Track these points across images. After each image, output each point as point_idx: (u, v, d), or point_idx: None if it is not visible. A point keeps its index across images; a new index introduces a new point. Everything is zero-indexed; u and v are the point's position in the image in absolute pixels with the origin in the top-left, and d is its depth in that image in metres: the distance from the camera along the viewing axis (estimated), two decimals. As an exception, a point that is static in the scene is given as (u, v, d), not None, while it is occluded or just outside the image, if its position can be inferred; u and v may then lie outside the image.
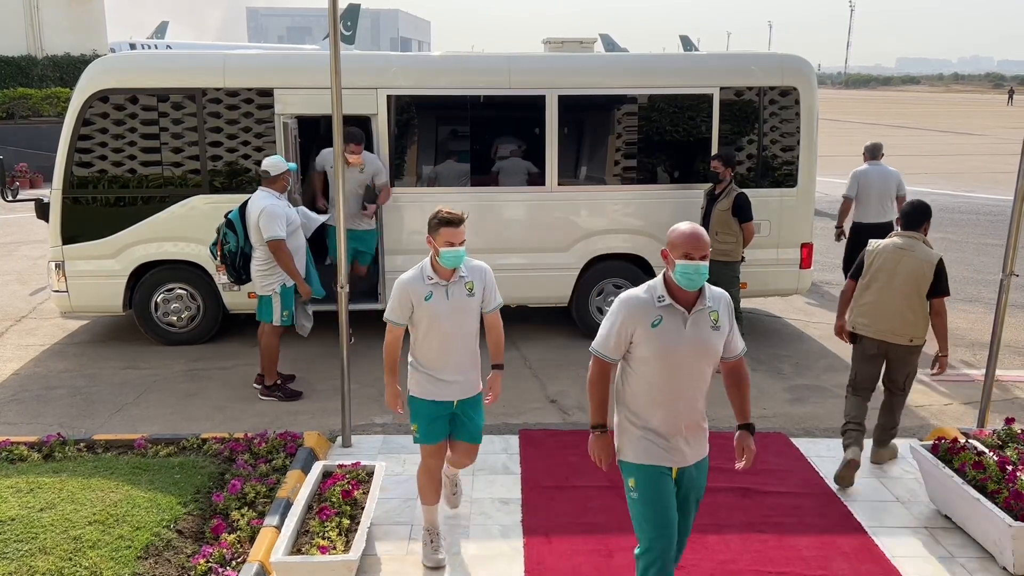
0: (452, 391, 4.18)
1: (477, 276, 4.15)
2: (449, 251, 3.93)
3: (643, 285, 3.45)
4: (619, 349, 3.37)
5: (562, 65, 7.81)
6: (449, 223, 3.92)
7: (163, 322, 7.75)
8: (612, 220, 7.86)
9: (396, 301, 4.08)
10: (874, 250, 5.21)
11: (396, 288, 4.07)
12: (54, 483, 4.59)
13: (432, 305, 4.03)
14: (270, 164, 6.30)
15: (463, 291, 4.08)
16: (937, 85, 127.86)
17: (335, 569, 3.91)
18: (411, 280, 4.04)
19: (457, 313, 4.08)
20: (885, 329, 5.12)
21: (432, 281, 4.03)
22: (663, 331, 3.27)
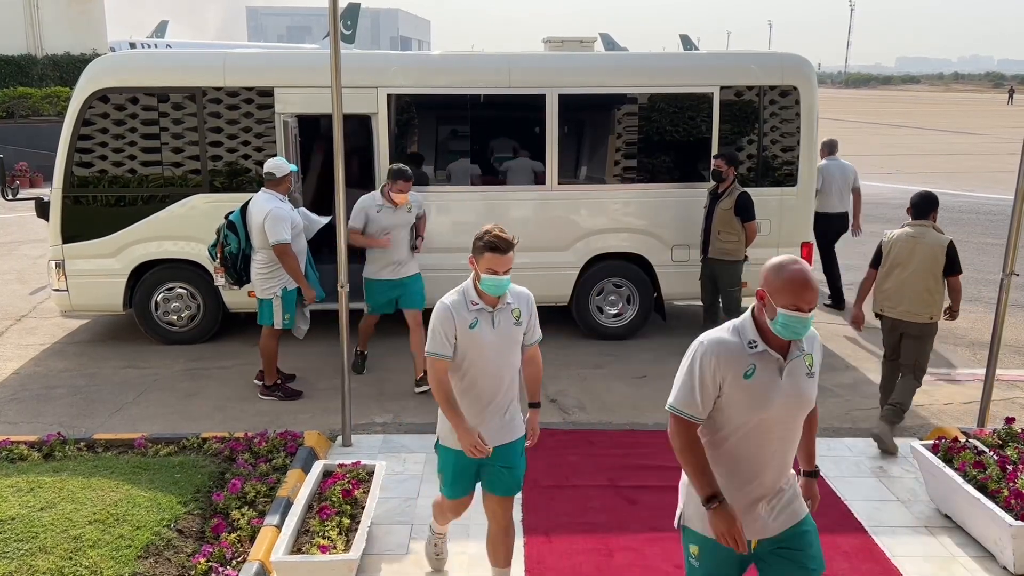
0: (490, 437, 3.64)
1: (523, 304, 3.72)
2: (491, 279, 3.50)
3: (724, 325, 2.94)
4: (707, 405, 2.84)
5: (562, 64, 7.81)
6: (495, 248, 3.44)
7: (163, 321, 7.75)
8: (612, 219, 7.86)
9: (440, 329, 3.53)
10: (889, 240, 5.74)
11: (439, 314, 3.55)
12: (54, 482, 4.59)
13: (477, 334, 3.54)
14: (274, 166, 6.27)
15: (510, 319, 3.63)
16: (937, 84, 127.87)
17: (335, 568, 3.91)
18: (455, 305, 3.55)
19: (504, 344, 3.62)
20: (905, 310, 5.63)
21: (477, 307, 3.57)
22: (757, 383, 2.76)
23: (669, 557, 4.32)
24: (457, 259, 7.69)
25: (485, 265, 3.49)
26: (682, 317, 8.75)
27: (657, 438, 5.79)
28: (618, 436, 5.81)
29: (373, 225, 6.39)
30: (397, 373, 7.15)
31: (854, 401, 6.62)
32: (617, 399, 6.56)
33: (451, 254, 7.72)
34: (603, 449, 5.56)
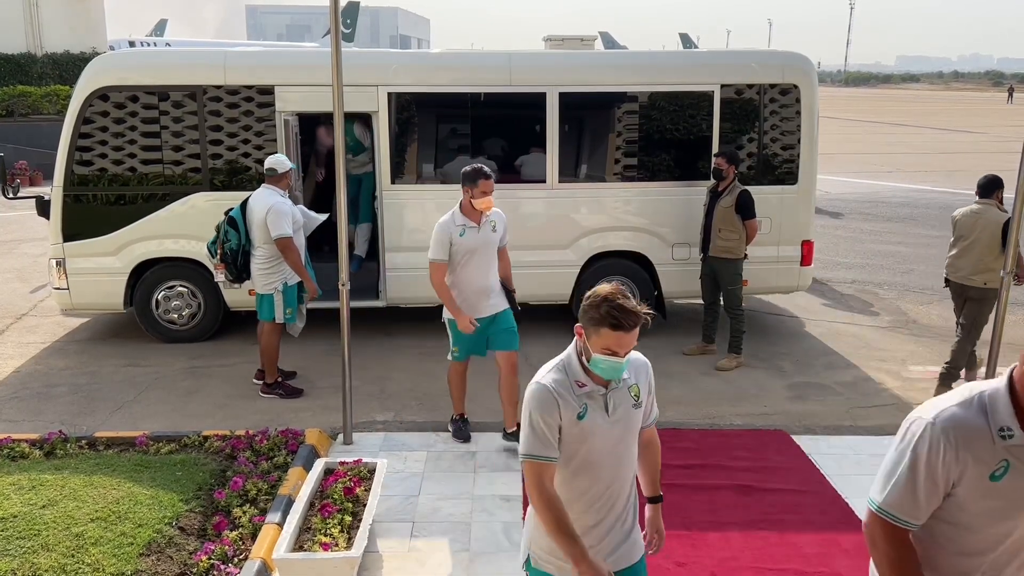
0: (606, 545, 2.76)
1: (642, 376, 2.79)
2: (607, 361, 2.58)
3: (954, 396, 2.14)
4: (932, 502, 2.12)
5: (563, 63, 7.81)
6: (619, 326, 2.53)
7: (164, 320, 7.75)
8: (613, 217, 7.86)
9: (541, 421, 2.59)
10: (957, 216, 6.76)
11: (538, 399, 2.62)
12: (56, 480, 4.60)
13: (588, 425, 2.62)
14: (275, 162, 6.30)
15: (628, 400, 2.71)
16: (937, 83, 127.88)
17: (337, 566, 3.91)
18: (557, 385, 2.63)
19: (622, 434, 2.70)
20: (964, 275, 6.46)
21: (585, 390, 2.65)
22: (1012, 482, 2.05)
23: (670, 555, 4.33)
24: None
25: (603, 343, 2.57)
26: (682, 316, 8.76)
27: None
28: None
29: (458, 252, 5.32)
30: (398, 371, 7.15)
31: (854, 399, 6.63)
32: (618, 397, 6.55)
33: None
34: (604, 447, 5.56)
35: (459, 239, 5.26)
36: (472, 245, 5.29)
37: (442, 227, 5.27)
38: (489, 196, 5.22)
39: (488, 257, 5.39)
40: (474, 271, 5.36)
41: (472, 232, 5.29)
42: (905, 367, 7.39)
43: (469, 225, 5.29)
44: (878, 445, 5.70)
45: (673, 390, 6.71)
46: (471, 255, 5.31)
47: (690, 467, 5.32)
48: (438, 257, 5.29)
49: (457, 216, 5.32)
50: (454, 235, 5.26)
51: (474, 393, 6.69)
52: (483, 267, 5.38)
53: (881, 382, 7.01)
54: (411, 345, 7.85)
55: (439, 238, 5.25)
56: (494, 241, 5.40)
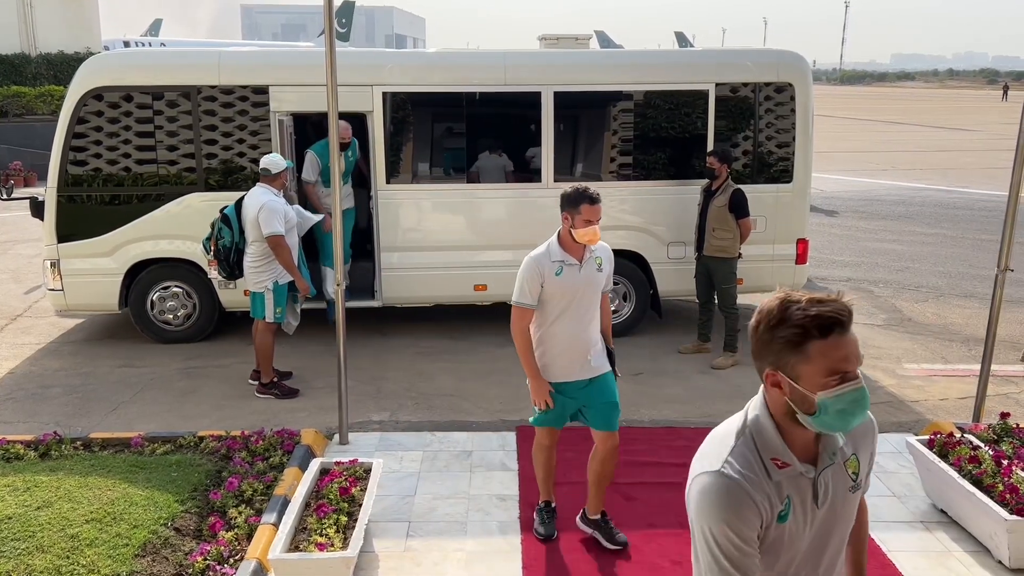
0: None
1: (863, 446, 2.02)
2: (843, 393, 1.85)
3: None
4: None
5: (558, 61, 7.80)
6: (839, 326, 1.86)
7: (159, 320, 7.74)
8: (608, 217, 7.80)
9: (738, 524, 1.79)
10: None
11: (729, 496, 1.80)
12: (51, 481, 4.58)
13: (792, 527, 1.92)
14: (270, 162, 6.31)
15: (846, 480, 1.95)
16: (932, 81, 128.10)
17: (333, 566, 3.91)
18: (751, 482, 1.82)
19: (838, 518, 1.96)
20: None
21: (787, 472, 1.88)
22: None
23: (665, 553, 4.33)
24: (454, 257, 7.75)
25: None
26: (678, 314, 8.77)
27: (652, 435, 5.81)
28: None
29: (553, 297, 4.17)
30: (394, 371, 7.15)
31: (850, 397, 6.63)
32: (614, 396, 6.56)
33: (447, 252, 7.76)
34: (600, 446, 5.57)
35: (554, 280, 4.13)
36: (571, 288, 4.15)
37: (533, 263, 4.16)
38: (595, 226, 4.11)
39: (590, 304, 4.25)
40: (572, 322, 4.20)
41: (572, 271, 4.15)
42: (900, 365, 7.41)
43: (569, 262, 4.14)
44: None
45: (669, 388, 6.71)
46: (569, 301, 4.17)
47: (686, 465, 5.28)
48: (524, 301, 4.18)
49: (554, 250, 4.18)
50: (548, 274, 4.13)
51: (472, 391, 6.70)
52: (584, 316, 4.21)
53: (876, 380, 7.02)
54: (407, 345, 7.84)
55: (528, 277, 4.15)
56: (599, 283, 4.26)
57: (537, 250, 4.23)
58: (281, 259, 6.22)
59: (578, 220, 4.13)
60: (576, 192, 4.16)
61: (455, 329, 8.31)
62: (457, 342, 7.95)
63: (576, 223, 4.13)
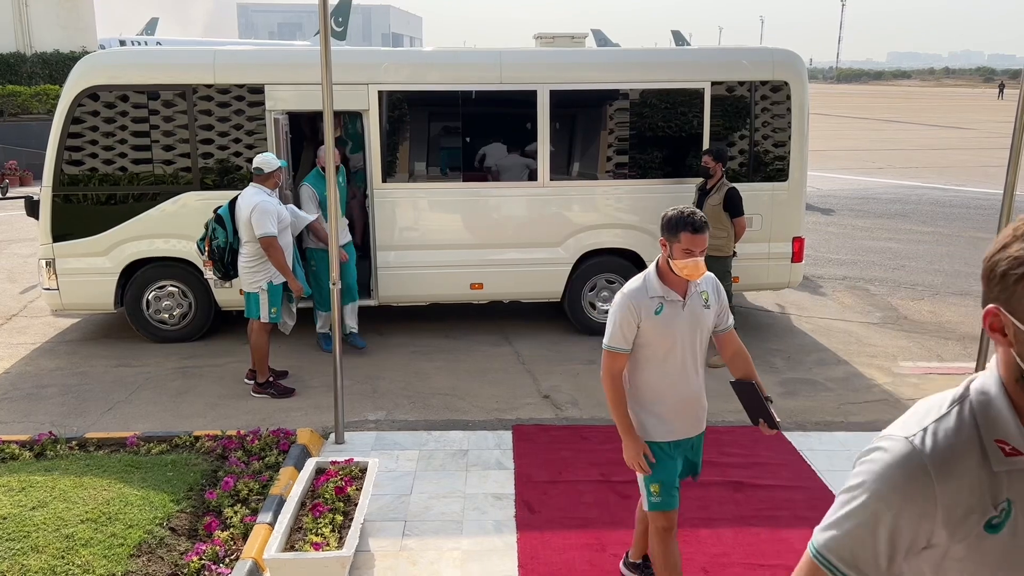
0: None
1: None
2: None
3: None
4: None
5: (553, 60, 7.80)
6: None
7: (155, 320, 7.73)
8: (604, 215, 7.87)
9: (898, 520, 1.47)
10: None
11: (907, 476, 1.46)
12: (46, 481, 4.58)
13: None
14: (262, 161, 6.30)
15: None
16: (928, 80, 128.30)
17: (328, 565, 3.91)
18: (948, 464, 1.44)
19: None
20: None
21: None
22: None
23: (662, 551, 4.34)
24: (450, 256, 7.76)
25: None
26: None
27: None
28: (611, 431, 5.81)
29: (652, 339, 3.50)
30: (390, 370, 7.15)
31: (845, 395, 6.65)
32: (610, 395, 6.56)
33: (443, 251, 7.76)
34: (595, 444, 5.58)
35: (653, 320, 3.47)
36: (673, 329, 3.49)
37: (628, 300, 3.48)
38: (697, 258, 3.39)
39: (696, 347, 3.57)
40: (673, 369, 3.56)
41: (674, 309, 3.49)
42: (896, 363, 7.42)
43: (670, 298, 3.49)
44: (869, 441, 5.70)
45: (665, 387, 6.71)
46: (672, 344, 3.52)
47: (682, 464, 5.33)
48: (616, 345, 3.50)
49: (651, 284, 3.50)
50: (645, 312, 3.47)
51: (468, 390, 6.70)
52: (688, 362, 3.56)
53: (872, 378, 7.03)
54: (403, 344, 7.84)
55: (622, 317, 3.48)
56: (706, 323, 3.57)
57: (632, 284, 3.53)
58: (274, 260, 6.21)
59: (677, 249, 3.41)
60: (677, 216, 3.43)
61: (451, 328, 8.31)
62: (453, 341, 7.95)
63: (675, 252, 3.42)
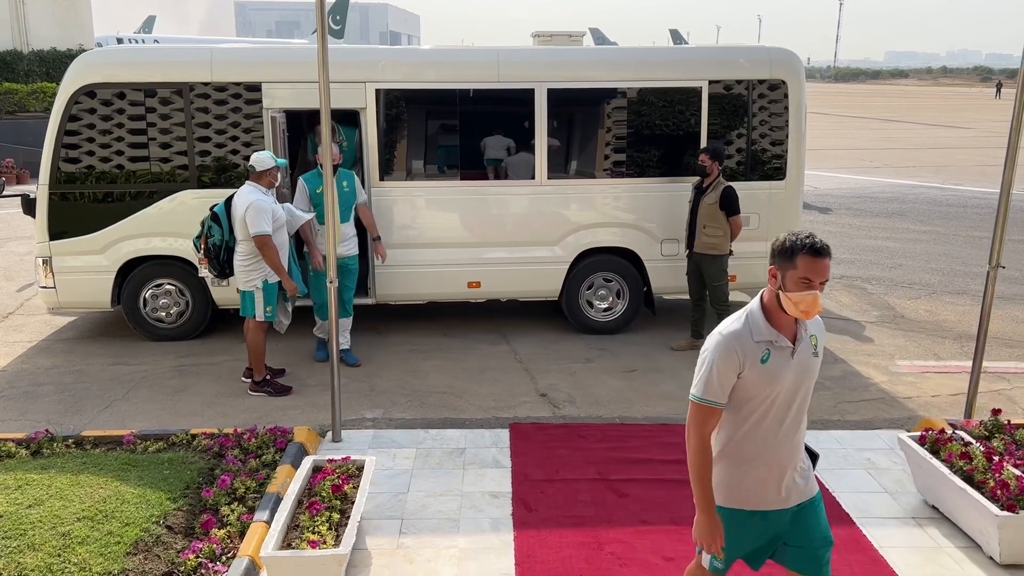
0: None
1: None
2: None
3: None
4: None
5: (551, 58, 7.80)
6: None
7: (152, 318, 7.72)
8: (602, 214, 7.87)
9: None
10: None
11: None
12: (42, 480, 4.57)
13: None
14: (256, 160, 6.30)
15: None
16: (925, 79, 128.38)
17: (325, 563, 3.91)
18: None
19: None
20: None
21: None
22: None
23: (658, 550, 4.34)
24: (447, 255, 7.75)
25: None
26: (672, 311, 8.78)
27: (646, 431, 5.82)
28: (608, 430, 5.82)
29: (755, 392, 2.92)
30: (387, 368, 7.15)
31: (842, 394, 6.66)
32: (607, 393, 6.57)
33: (441, 250, 7.75)
34: (593, 443, 5.58)
35: (759, 369, 2.87)
36: (780, 379, 2.89)
37: (730, 344, 2.88)
38: (816, 292, 2.80)
39: (802, 401, 2.99)
40: (774, 427, 2.96)
41: (782, 356, 2.89)
42: (893, 362, 7.43)
43: (779, 343, 2.89)
44: (866, 439, 5.73)
45: (661, 385, 6.72)
46: (775, 398, 2.92)
47: (678, 462, 5.33)
48: (711, 398, 2.90)
49: (756, 324, 2.91)
50: (751, 360, 2.86)
51: (465, 388, 6.70)
52: (792, 420, 2.97)
53: (869, 376, 7.04)
54: (400, 342, 7.84)
55: (721, 364, 2.87)
56: (814, 374, 3.00)
57: (731, 324, 2.94)
58: (268, 259, 6.20)
59: (791, 279, 2.80)
60: (793, 240, 2.82)
61: (449, 327, 8.31)
62: (451, 340, 7.95)
63: (788, 283, 2.81)
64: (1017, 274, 10.39)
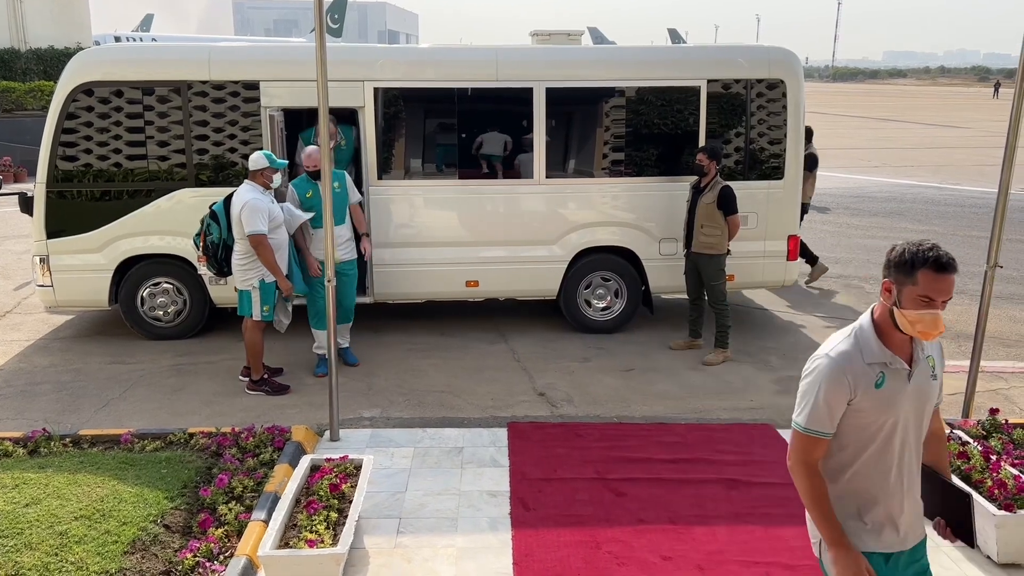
0: None
1: None
2: None
3: None
4: None
5: (550, 57, 7.80)
6: None
7: (149, 316, 7.71)
8: (600, 213, 7.87)
9: None
10: None
11: None
12: (40, 479, 4.57)
13: None
14: (251, 159, 6.30)
15: None
16: (924, 78, 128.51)
17: (323, 562, 3.91)
18: None
19: None
20: None
21: None
22: None
23: (656, 549, 4.34)
24: (445, 254, 7.75)
25: None
26: (670, 310, 8.78)
27: (644, 431, 5.82)
28: (605, 429, 5.82)
29: (868, 417, 2.62)
30: (385, 367, 7.14)
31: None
32: (605, 392, 6.58)
33: (439, 249, 7.75)
34: (590, 442, 5.58)
35: (872, 394, 2.57)
36: (895, 406, 2.60)
37: (839, 367, 2.57)
38: (938, 311, 2.50)
39: (921, 430, 2.70)
40: (890, 460, 2.65)
41: (898, 380, 2.60)
42: (890, 361, 7.42)
43: (895, 365, 2.59)
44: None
45: (660, 384, 6.72)
46: (892, 426, 2.62)
47: (676, 461, 5.34)
48: (818, 428, 2.61)
49: (868, 344, 2.60)
50: (863, 384, 2.57)
51: (463, 387, 6.70)
52: (907, 451, 2.67)
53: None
54: (398, 341, 7.84)
55: (829, 389, 2.58)
56: (934, 399, 2.70)
57: (839, 344, 2.62)
58: (263, 258, 6.18)
59: (909, 295, 2.50)
60: (913, 251, 2.51)
61: (447, 326, 8.30)
62: (449, 339, 7.94)
63: (905, 300, 2.51)
64: (1015, 273, 10.40)
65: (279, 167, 6.40)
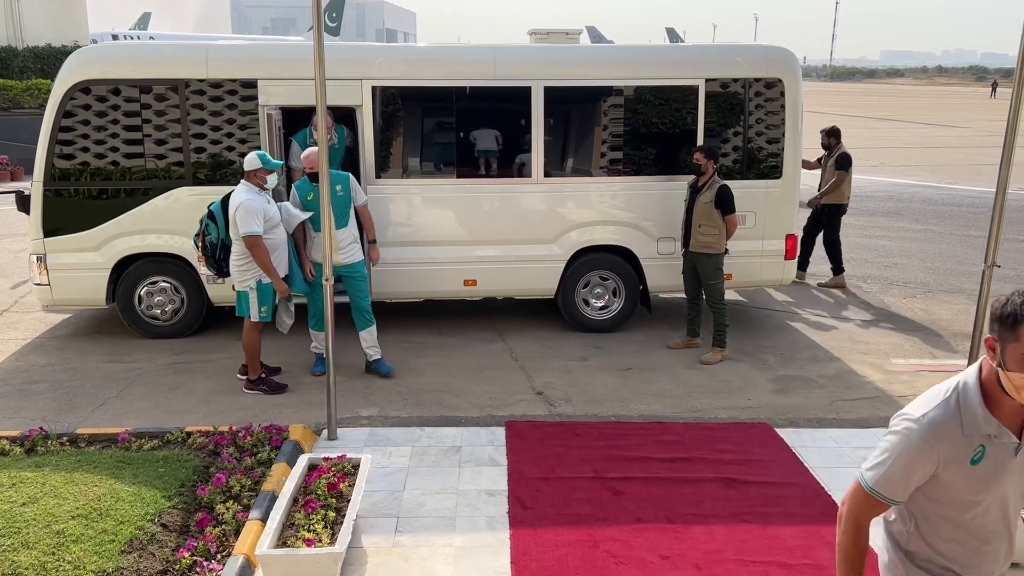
0: None
1: None
2: None
3: None
4: None
5: (548, 56, 7.79)
6: None
7: (147, 315, 7.70)
8: (598, 212, 7.87)
9: None
10: None
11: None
12: (37, 477, 4.56)
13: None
14: (246, 160, 6.28)
15: None
16: (921, 78, 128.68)
17: (320, 562, 3.90)
18: None
19: None
20: None
21: None
22: None
23: (654, 548, 4.34)
24: (443, 253, 7.74)
25: None
26: (668, 310, 8.78)
27: (642, 430, 5.82)
28: (603, 428, 5.82)
29: (957, 493, 2.25)
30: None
31: (838, 392, 6.67)
32: (603, 391, 6.57)
33: (437, 248, 7.74)
34: (588, 441, 5.58)
35: (966, 470, 2.21)
36: (993, 483, 2.23)
37: (931, 435, 2.19)
38: None
39: (1015, 508, 2.35)
40: (978, 533, 2.31)
41: (1001, 454, 2.21)
42: (888, 360, 7.44)
43: (1002, 438, 2.19)
44: (861, 438, 5.73)
45: (658, 383, 6.72)
46: (988, 502, 2.27)
47: (674, 460, 5.34)
48: (890, 494, 2.28)
49: (973, 411, 2.18)
50: (956, 458, 2.20)
51: (461, 386, 6.70)
52: (1001, 526, 2.33)
53: (864, 375, 7.05)
54: (396, 340, 7.83)
55: (914, 457, 2.21)
56: None
57: (937, 406, 2.22)
58: (258, 260, 6.15)
59: (1013, 355, 2.08)
60: (1017, 304, 2.09)
61: (445, 325, 8.30)
62: (447, 338, 7.94)
63: (1009, 360, 2.09)
64: (1012, 273, 10.41)
65: (273, 168, 6.31)
